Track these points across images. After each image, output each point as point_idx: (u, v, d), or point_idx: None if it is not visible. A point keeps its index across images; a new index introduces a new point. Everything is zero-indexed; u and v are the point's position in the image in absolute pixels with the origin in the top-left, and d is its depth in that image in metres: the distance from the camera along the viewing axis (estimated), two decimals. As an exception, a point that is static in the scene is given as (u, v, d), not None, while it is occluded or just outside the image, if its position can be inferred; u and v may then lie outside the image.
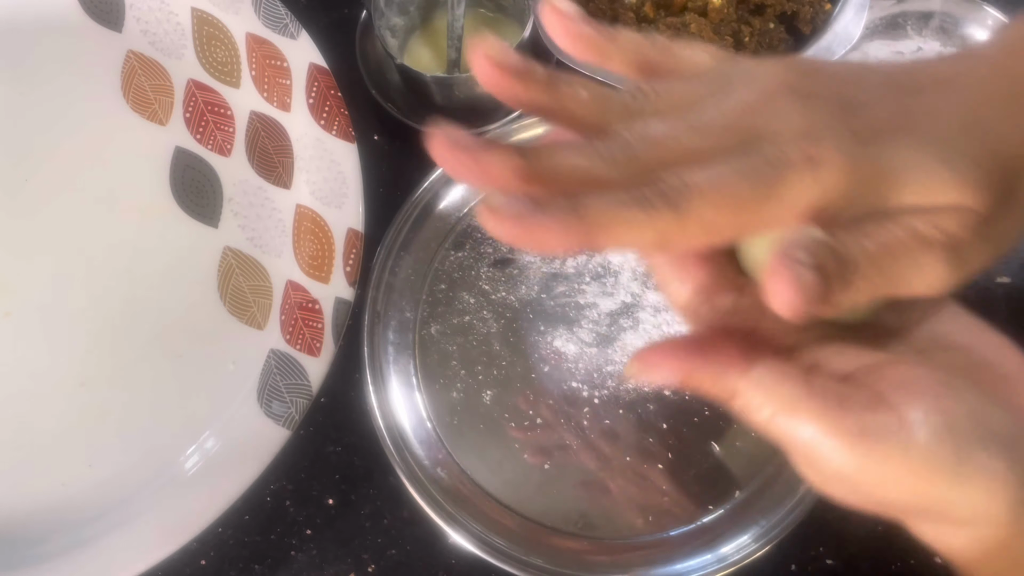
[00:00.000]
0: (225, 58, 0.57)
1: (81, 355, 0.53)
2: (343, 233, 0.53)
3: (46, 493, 0.51)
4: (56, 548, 0.49)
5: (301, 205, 0.55)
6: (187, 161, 0.56)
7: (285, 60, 0.55)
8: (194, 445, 0.51)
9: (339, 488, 0.53)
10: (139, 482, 0.50)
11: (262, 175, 0.56)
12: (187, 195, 0.55)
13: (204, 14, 0.56)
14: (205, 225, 0.55)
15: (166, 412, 0.52)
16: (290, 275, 0.54)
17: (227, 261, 0.55)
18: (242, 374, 0.52)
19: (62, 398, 0.52)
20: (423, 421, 0.52)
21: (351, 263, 0.52)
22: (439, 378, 0.53)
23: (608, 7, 0.59)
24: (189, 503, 0.49)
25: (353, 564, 0.52)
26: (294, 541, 0.52)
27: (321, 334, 0.51)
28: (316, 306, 0.52)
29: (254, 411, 0.51)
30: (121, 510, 0.50)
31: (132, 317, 0.54)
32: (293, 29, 0.55)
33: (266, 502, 0.53)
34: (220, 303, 0.54)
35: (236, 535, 0.52)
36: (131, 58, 0.57)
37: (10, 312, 0.54)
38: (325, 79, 0.55)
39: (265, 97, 0.56)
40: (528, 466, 0.50)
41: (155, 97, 0.57)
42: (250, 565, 0.52)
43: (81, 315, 0.54)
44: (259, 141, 0.56)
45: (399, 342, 0.53)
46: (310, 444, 0.54)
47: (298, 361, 0.51)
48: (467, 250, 0.55)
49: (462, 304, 0.54)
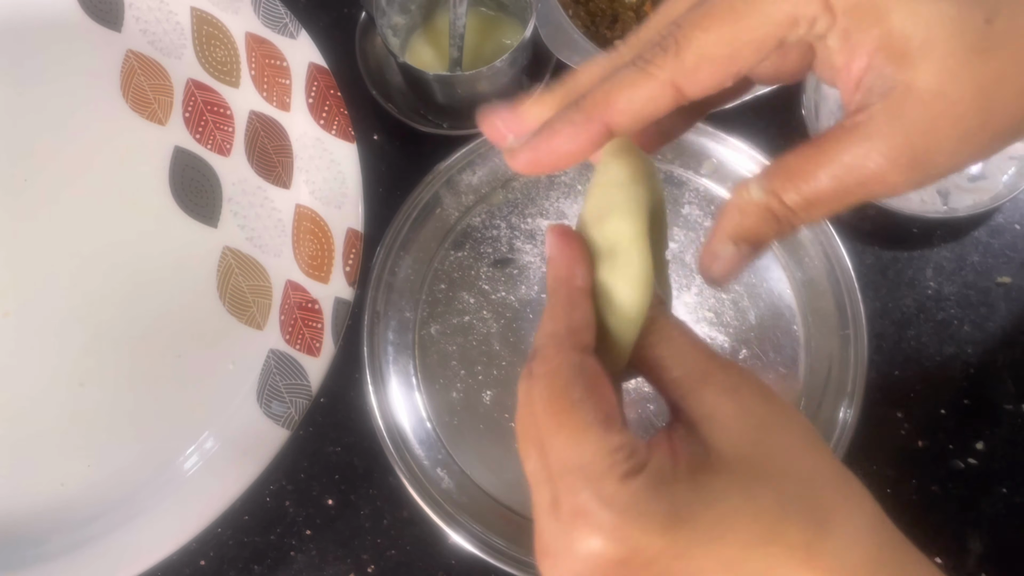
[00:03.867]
0: (224, 58, 0.57)
1: (80, 355, 0.53)
2: (343, 233, 0.53)
3: (45, 493, 0.51)
4: (56, 548, 0.49)
5: (301, 205, 0.55)
6: (186, 161, 0.56)
7: (285, 60, 0.55)
8: (193, 445, 0.51)
9: (339, 488, 0.53)
10: (138, 482, 0.50)
11: (262, 175, 0.56)
12: (186, 195, 0.55)
13: (203, 13, 0.56)
14: (204, 225, 0.55)
15: (166, 412, 0.52)
16: (290, 275, 0.54)
17: (226, 261, 0.54)
18: (241, 374, 0.52)
19: (61, 398, 0.52)
20: (423, 421, 0.52)
21: (351, 263, 0.52)
22: (439, 378, 0.53)
23: (608, 7, 0.59)
24: (188, 503, 0.48)
25: (353, 564, 0.52)
26: (294, 541, 0.52)
27: (321, 334, 0.51)
28: (316, 306, 0.52)
29: (254, 411, 0.51)
30: (120, 510, 0.49)
31: (131, 317, 0.54)
32: (293, 29, 0.55)
33: (266, 502, 0.53)
34: (220, 303, 0.54)
35: (236, 535, 0.52)
36: (130, 58, 0.57)
37: (9, 312, 0.53)
38: (325, 79, 0.55)
39: (265, 97, 0.56)
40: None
41: (154, 97, 0.57)
42: (250, 565, 0.52)
43: (80, 315, 0.53)
44: (259, 141, 0.56)
45: (399, 342, 0.53)
46: (310, 444, 0.54)
47: (298, 361, 0.51)
48: (467, 250, 0.55)
49: (462, 304, 0.54)
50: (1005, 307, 0.56)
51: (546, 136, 0.27)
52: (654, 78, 0.26)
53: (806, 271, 0.54)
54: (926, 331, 0.55)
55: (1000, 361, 0.55)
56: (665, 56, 0.25)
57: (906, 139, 0.25)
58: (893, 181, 0.25)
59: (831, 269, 0.53)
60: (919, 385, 0.54)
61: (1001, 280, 0.56)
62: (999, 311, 0.56)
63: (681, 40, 0.25)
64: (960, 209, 0.56)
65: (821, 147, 0.26)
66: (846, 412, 0.50)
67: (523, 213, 0.56)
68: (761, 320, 0.53)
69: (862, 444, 0.50)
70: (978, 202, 0.56)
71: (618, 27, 0.59)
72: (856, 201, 0.26)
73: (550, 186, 0.56)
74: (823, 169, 0.26)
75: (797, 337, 0.53)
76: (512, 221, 0.56)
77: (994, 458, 0.53)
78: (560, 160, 0.27)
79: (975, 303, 0.56)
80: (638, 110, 0.26)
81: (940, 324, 0.55)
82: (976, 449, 0.53)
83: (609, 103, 0.26)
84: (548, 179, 0.57)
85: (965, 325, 0.55)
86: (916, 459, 0.53)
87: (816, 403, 0.51)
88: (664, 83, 0.26)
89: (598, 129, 0.26)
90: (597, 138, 0.27)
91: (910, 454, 0.53)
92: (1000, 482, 0.52)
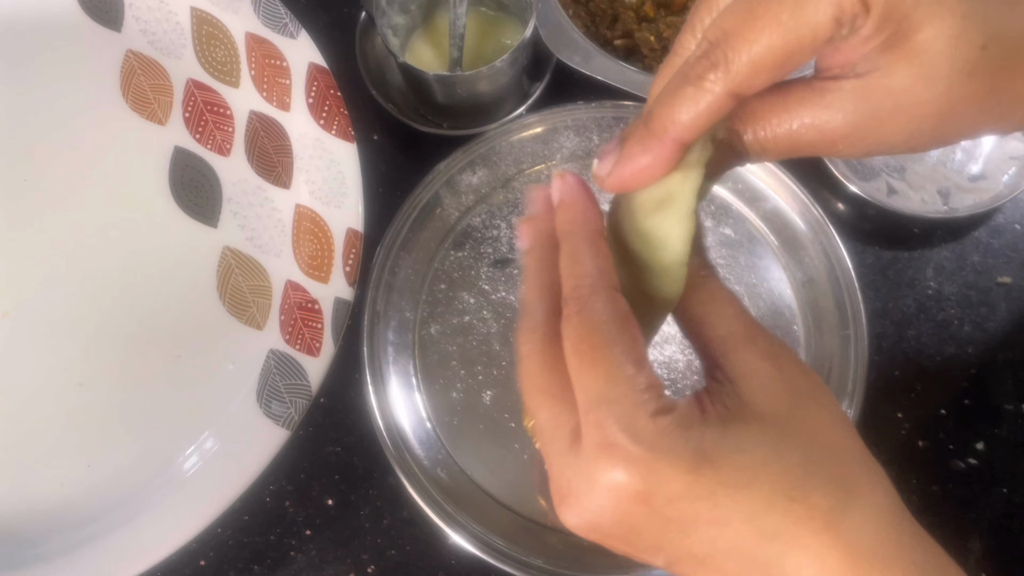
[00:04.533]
0: (224, 57, 0.57)
1: (80, 355, 0.53)
2: (343, 233, 0.53)
3: (45, 493, 0.51)
4: (56, 548, 0.49)
5: (301, 205, 0.55)
6: (186, 161, 0.56)
7: (284, 59, 0.55)
8: (193, 445, 0.51)
9: (339, 488, 0.53)
10: (138, 482, 0.50)
11: (261, 175, 0.56)
12: (186, 195, 0.55)
13: (203, 13, 0.56)
14: (204, 225, 0.55)
15: (165, 412, 0.52)
16: (289, 275, 0.54)
17: (226, 261, 0.54)
18: (241, 374, 0.52)
19: (61, 398, 0.52)
20: (423, 421, 0.52)
21: (351, 263, 0.52)
22: (439, 378, 0.53)
23: (608, 7, 0.59)
24: (188, 503, 0.48)
25: (353, 565, 0.52)
26: (294, 542, 0.52)
27: (321, 334, 0.51)
28: (316, 306, 0.52)
29: (253, 411, 0.50)
30: (120, 510, 0.49)
31: (131, 317, 0.53)
32: (293, 28, 0.55)
33: (266, 502, 0.53)
34: (219, 303, 0.54)
35: (235, 535, 0.52)
36: (130, 58, 0.57)
37: (8, 312, 0.53)
38: (325, 79, 0.55)
39: (264, 97, 0.56)
40: (528, 466, 0.50)
41: (154, 97, 0.57)
42: (249, 565, 0.52)
43: (80, 315, 0.53)
44: (258, 141, 0.56)
45: (399, 342, 0.53)
46: (310, 444, 0.54)
47: (297, 361, 0.51)
48: (467, 250, 0.55)
49: (462, 304, 0.54)
50: (1005, 307, 0.56)
51: (626, 162, 0.28)
52: (711, 92, 0.26)
53: (806, 271, 0.54)
54: (926, 331, 0.55)
55: (1000, 361, 0.55)
56: (716, 71, 0.26)
57: (863, 121, 0.27)
58: (839, 150, 0.28)
59: (831, 269, 0.53)
60: (919, 385, 0.54)
61: (1001, 280, 0.56)
62: (999, 311, 0.56)
63: (730, 54, 0.26)
64: (960, 209, 0.56)
65: (786, 101, 0.28)
66: (846, 412, 0.50)
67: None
68: (761, 320, 0.52)
69: (862, 444, 0.50)
70: (979, 202, 0.56)
71: (618, 27, 0.59)
72: (801, 154, 0.29)
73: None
74: (782, 120, 0.28)
75: (797, 337, 0.53)
76: (512, 221, 0.56)
77: (994, 458, 0.53)
78: (646, 180, 0.29)
79: (975, 303, 0.56)
80: (703, 122, 0.27)
81: (940, 324, 0.55)
82: (976, 449, 0.53)
83: (675, 123, 0.27)
84: (548, 179, 0.57)
85: (965, 325, 0.55)
86: (916, 459, 0.53)
87: (816, 403, 0.51)
88: (720, 95, 0.26)
89: (671, 147, 0.28)
90: (673, 155, 0.28)
91: (910, 454, 0.53)
92: (1000, 482, 0.52)
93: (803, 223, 0.54)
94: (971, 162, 0.57)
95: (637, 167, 0.28)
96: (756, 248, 0.55)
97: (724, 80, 0.26)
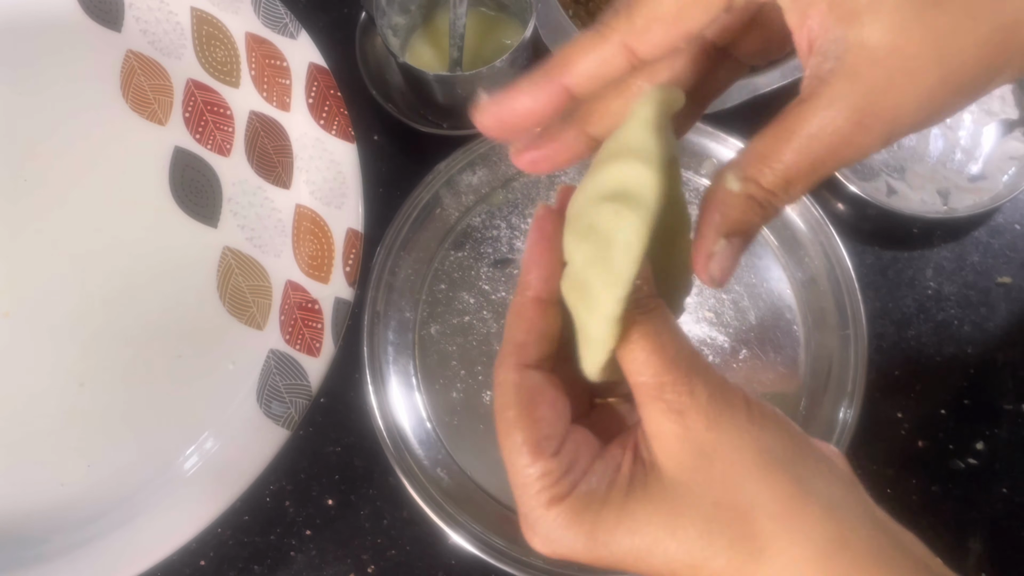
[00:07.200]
0: (224, 58, 0.57)
1: (80, 355, 0.53)
2: (343, 233, 0.53)
3: (45, 493, 0.51)
4: (56, 548, 0.49)
5: (301, 205, 0.55)
6: (186, 161, 0.56)
7: (285, 60, 0.55)
8: (193, 445, 0.51)
9: (339, 488, 0.53)
10: (138, 482, 0.50)
11: (261, 175, 0.56)
12: (186, 195, 0.55)
13: (203, 14, 0.56)
14: (204, 225, 0.55)
15: (165, 412, 0.52)
16: (290, 275, 0.54)
17: (226, 261, 0.54)
18: (241, 374, 0.52)
19: (61, 398, 0.52)
20: (423, 421, 0.52)
21: (351, 263, 0.52)
22: (439, 378, 0.53)
23: (608, 7, 0.59)
24: (188, 503, 0.48)
25: (353, 565, 0.52)
26: (294, 541, 0.52)
27: (321, 334, 0.51)
28: (316, 306, 0.52)
29: (253, 411, 0.50)
30: (120, 510, 0.49)
31: (131, 317, 0.54)
32: (293, 29, 0.55)
33: (266, 502, 0.53)
34: (219, 303, 0.54)
35: (236, 535, 0.52)
36: (130, 58, 0.57)
37: (9, 312, 0.53)
38: (325, 79, 0.55)
39: (265, 97, 0.56)
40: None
41: (154, 97, 0.57)
42: (249, 565, 0.52)
43: (80, 315, 0.53)
44: (259, 141, 0.56)
45: (399, 342, 0.53)
46: (310, 444, 0.54)
47: (298, 361, 0.51)
48: (467, 250, 0.55)
49: (462, 304, 0.54)
50: (1005, 307, 0.56)
51: (510, 97, 0.28)
52: (608, 40, 0.27)
53: (806, 271, 0.54)
54: (926, 331, 0.55)
55: (1000, 361, 0.55)
56: (618, 19, 0.27)
57: (865, 99, 0.24)
58: (860, 143, 0.25)
59: (831, 269, 0.53)
60: (919, 385, 0.54)
61: (1001, 280, 0.56)
62: (999, 311, 0.56)
63: (633, 3, 0.26)
64: (960, 209, 0.56)
65: (785, 124, 0.26)
66: (846, 412, 0.50)
67: (523, 213, 0.56)
68: (761, 320, 0.53)
69: (862, 444, 0.50)
70: (978, 202, 0.56)
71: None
72: (832, 169, 0.26)
73: (550, 186, 0.56)
74: (791, 145, 0.25)
75: (797, 337, 0.53)
76: (512, 221, 0.56)
77: (994, 458, 0.53)
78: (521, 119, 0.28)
79: (975, 303, 0.56)
80: (593, 71, 0.27)
81: (940, 324, 0.55)
82: (976, 449, 0.53)
83: (567, 64, 0.28)
84: (548, 179, 0.57)
85: (965, 325, 0.55)
86: (916, 459, 0.53)
87: (816, 403, 0.51)
88: (617, 44, 0.27)
89: (557, 89, 0.28)
90: (556, 98, 0.28)
91: (910, 454, 0.53)
92: (1000, 482, 0.52)
93: (803, 223, 0.54)
94: (971, 162, 0.57)
95: (516, 104, 0.28)
96: (756, 248, 0.55)
97: (623, 28, 0.27)
